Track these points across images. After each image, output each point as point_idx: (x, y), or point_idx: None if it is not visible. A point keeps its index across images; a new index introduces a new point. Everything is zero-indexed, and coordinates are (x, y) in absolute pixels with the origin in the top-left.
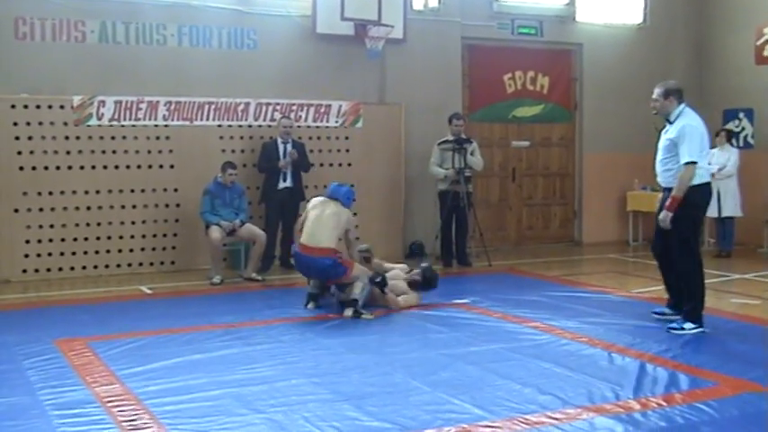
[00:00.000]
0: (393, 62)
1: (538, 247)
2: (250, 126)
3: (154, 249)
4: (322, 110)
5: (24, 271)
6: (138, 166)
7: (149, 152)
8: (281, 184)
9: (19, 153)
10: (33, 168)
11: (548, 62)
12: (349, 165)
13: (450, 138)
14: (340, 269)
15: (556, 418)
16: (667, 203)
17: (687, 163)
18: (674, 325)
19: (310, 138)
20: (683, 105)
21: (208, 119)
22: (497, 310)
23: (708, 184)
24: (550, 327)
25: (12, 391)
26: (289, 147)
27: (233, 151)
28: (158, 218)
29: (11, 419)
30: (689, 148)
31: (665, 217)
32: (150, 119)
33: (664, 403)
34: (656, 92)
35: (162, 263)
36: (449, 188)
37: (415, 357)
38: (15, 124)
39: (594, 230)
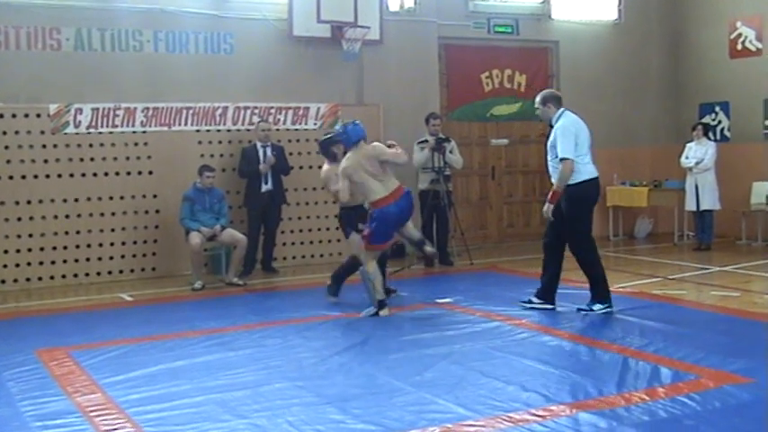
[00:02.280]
0: (370, 63)
1: (519, 245)
2: (229, 130)
3: (134, 256)
4: (300, 112)
5: (3, 281)
6: (117, 173)
7: (128, 159)
8: (264, 188)
9: None
10: (10, 178)
11: (524, 60)
12: None
13: (429, 137)
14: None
15: (539, 416)
16: (549, 196)
17: (562, 159)
18: (582, 306)
19: (289, 140)
20: (561, 109)
21: (186, 124)
22: (480, 308)
23: (594, 180)
24: (533, 324)
25: None
26: (268, 150)
27: (212, 156)
28: (138, 224)
29: None
30: (563, 145)
31: (548, 209)
32: (128, 125)
33: (646, 397)
34: (536, 101)
35: (143, 269)
36: (429, 187)
37: (398, 358)
38: None
39: None
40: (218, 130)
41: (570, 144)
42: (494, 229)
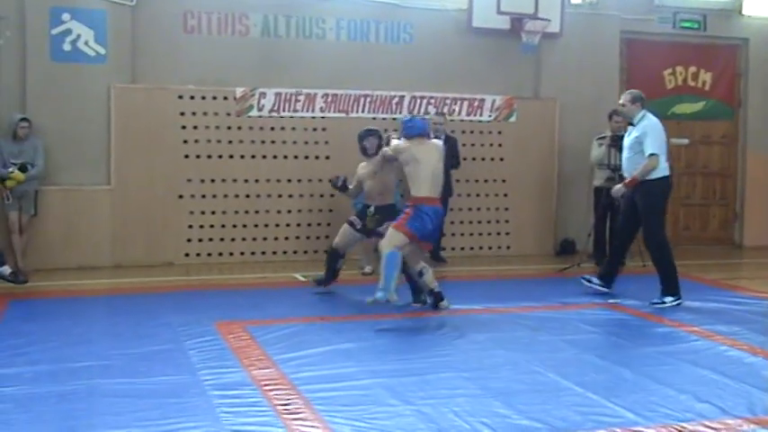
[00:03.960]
0: (548, 56)
1: (695, 249)
2: None
3: (308, 238)
4: (476, 104)
5: (186, 255)
6: (296, 157)
7: (306, 143)
8: None
9: (184, 142)
10: (197, 157)
11: (711, 57)
12: (501, 159)
13: (608, 133)
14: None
15: (714, 428)
16: (627, 181)
17: (651, 155)
18: (655, 300)
19: (463, 132)
20: (644, 111)
21: (363, 111)
22: (651, 312)
23: (669, 178)
24: (708, 332)
25: (175, 370)
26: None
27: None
28: (313, 207)
29: (174, 397)
30: (653, 142)
31: (619, 189)
32: (308, 111)
33: None
34: (626, 98)
35: (315, 251)
36: (604, 185)
37: (566, 357)
38: (182, 114)
39: (757, 233)
40: (394, 119)
41: (659, 142)
42: (668, 230)
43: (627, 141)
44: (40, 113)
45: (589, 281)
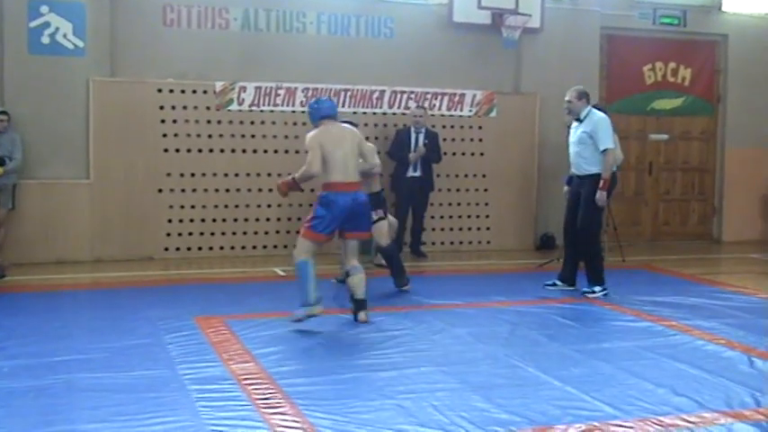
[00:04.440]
0: (529, 51)
1: (674, 244)
2: (384, 114)
3: (288, 232)
4: (456, 99)
5: (166, 249)
6: (275, 151)
7: (286, 137)
8: (410, 173)
9: (164, 135)
10: (177, 150)
11: (690, 53)
12: (482, 154)
13: None
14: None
15: (691, 422)
16: (601, 185)
17: (605, 150)
18: (585, 289)
19: (444, 126)
20: (589, 107)
21: (343, 106)
22: (631, 306)
23: (616, 172)
24: (686, 326)
25: (154, 364)
26: (421, 137)
27: (367, 138)
28: (293, 202)
29: (153, 391)
30: (605, 138)
31: (601, 196)
32: (288, 105)
33: None
34: (572, 95)
35: (295, 246)
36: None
37: (545, 351)
38: (161, 108)
39: (736, 228)
40: (375, 113)
41: (611, 137)
42: (648, 225)
43: (573, 137)
44: (18, 107)
45: (554, 284)
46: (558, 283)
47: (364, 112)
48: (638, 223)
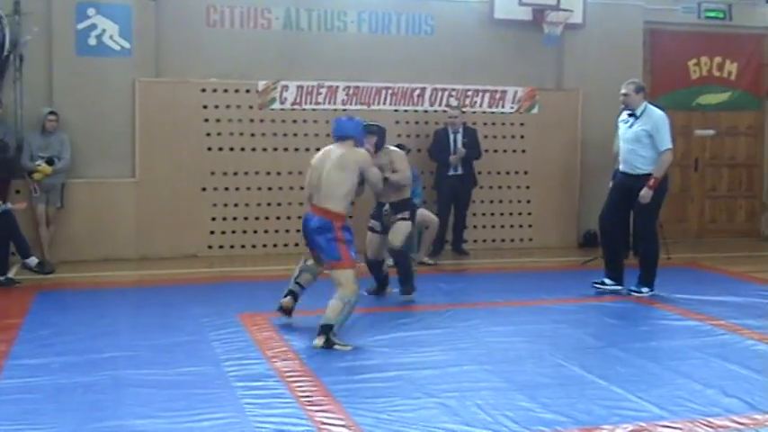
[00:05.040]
0: (571, 47)
1: (721, 241)
2: (426, 111)
3: None
4: (497, 96)
5: (210, 247)
6: (318, 149)
7: (328, 135)
8: (451, 171)
9: (207, 135)
10: (220, 149)
11: (736, 47)
12: (523, 151)
13: None
14: (331, 242)
15: (741, 423)
16: (650, 182)
17: (664, 150)
18: (632, 288)
19: (485, 123)
20: (645, 102)
21: (385, 103)
22: (677, 305)
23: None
24: (735, 326)
25: (199, 361)
26: (459, 136)
27: (408, 136)
28: None
29: (198, 388)
30: (664, 137)
31: (646, 193)
32: (330, 103)
33: None
34: (629, 87)
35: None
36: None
37: (590, 350)
38: (205, 107)
39: None
40: (416, 111)
41: (669, 136)
42: (694, 223)
43: (628, 133)
44: (65, 107)
45: (602, 283)
46: (607, 281)
47: (405, 110)
48: (683, 220)
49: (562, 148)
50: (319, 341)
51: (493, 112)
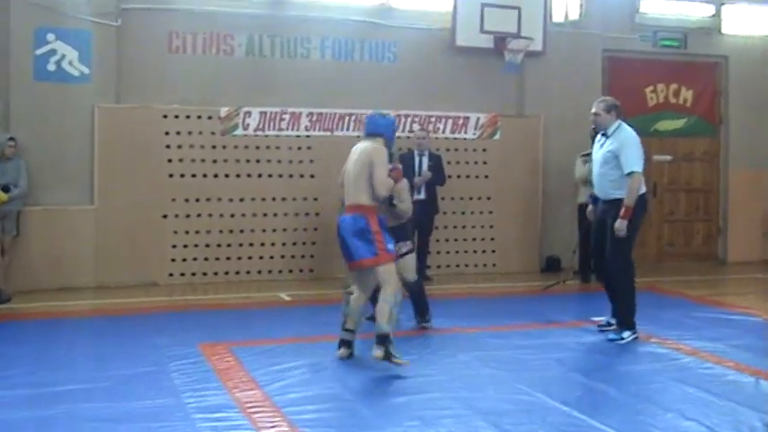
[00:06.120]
0: (532, 74)
1: (679, 265)
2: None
3: (293, 257)
4: (460, 122)
5: (171, 275)
6: (280, 176)
7: (291, 162)
8: (415, 196)
9: (169, 161)
10: (182, 176)
11: (691, 75)
12: (486, 177)
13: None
14: (367, 239)
15: None
16: (622, 212)
17: (631, 173)
18: (612, 336)
19: (448, 149)
20: (619, 121)
21: (348, 129)
22: (638, 329)
23: (645, 195)
24: (693, 349)
25: (159, 393)
26: (425, 159)
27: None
28: (298, 226)
29: (158, 421)
30: (633, 158)
31: (621, 225)
32: (293, 129)
33: None
34: (599, 106)
35: (301, 270)
36: (588, 201)
37: (552, 375)
38: (166, 133)
39: (740, 249)
40: None
41: (639, 157)
42: (653, 247)
43: (599, 155)
44: (23, 133)
45: (608, 324)
46: (612, 321)
47: None
48: (642, 245)
49: (524, 174)
50: (379, 352)
51: (455, 138)
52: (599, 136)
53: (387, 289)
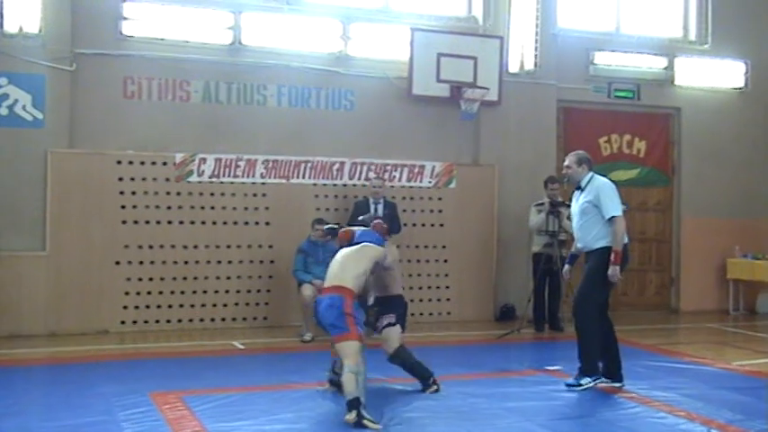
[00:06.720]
0: (488, 124)
1: (632, 314)
2: (345, 185)
3: (247, 305)
4: (416, 170)
5: (123, 322)
6: (235, 223)
7: (246, 209)
8: None
9: (122, 207)
10: (135, 222)
11: (645, 126)
12: (441, 225)
13: (546, 200)
14: (340, 317)
15: None
16: (612, 258)
17: (612, 218)
18: (570, 382)
19: (404, 198)
20: (591, 173)
21: (303, 177)
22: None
23: (628, 245)
24: (645, 398)
25: None
26: (380, 207)
27: (327, 209)
28: (252, 274)
29: None
30: (611, 204)
31: (614, 272)
32: (248, 176)
33: None
34: (570, 160)
35: (255, 318)
36: (542, 251)
37: (507, 425)
38: (120, 179)
39: (693, 298)
40: (335, 185)
41: (618, 203)
42: None
43: (576, 207)
44: None
45: (601, 381)
46: (605, 380)
47: (324, 184)
48: None
49: (479, 223)
50: (351, 416)
51: (411, 187)
52: (574, 191)
53: (346, 362)
